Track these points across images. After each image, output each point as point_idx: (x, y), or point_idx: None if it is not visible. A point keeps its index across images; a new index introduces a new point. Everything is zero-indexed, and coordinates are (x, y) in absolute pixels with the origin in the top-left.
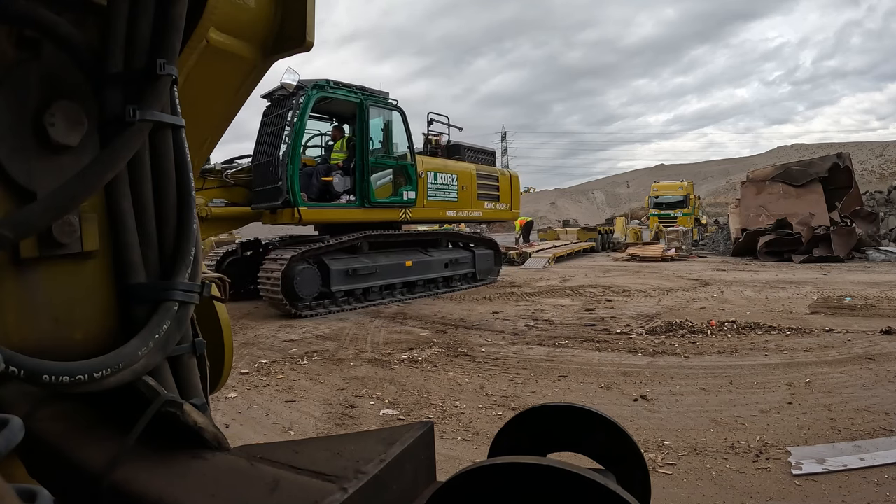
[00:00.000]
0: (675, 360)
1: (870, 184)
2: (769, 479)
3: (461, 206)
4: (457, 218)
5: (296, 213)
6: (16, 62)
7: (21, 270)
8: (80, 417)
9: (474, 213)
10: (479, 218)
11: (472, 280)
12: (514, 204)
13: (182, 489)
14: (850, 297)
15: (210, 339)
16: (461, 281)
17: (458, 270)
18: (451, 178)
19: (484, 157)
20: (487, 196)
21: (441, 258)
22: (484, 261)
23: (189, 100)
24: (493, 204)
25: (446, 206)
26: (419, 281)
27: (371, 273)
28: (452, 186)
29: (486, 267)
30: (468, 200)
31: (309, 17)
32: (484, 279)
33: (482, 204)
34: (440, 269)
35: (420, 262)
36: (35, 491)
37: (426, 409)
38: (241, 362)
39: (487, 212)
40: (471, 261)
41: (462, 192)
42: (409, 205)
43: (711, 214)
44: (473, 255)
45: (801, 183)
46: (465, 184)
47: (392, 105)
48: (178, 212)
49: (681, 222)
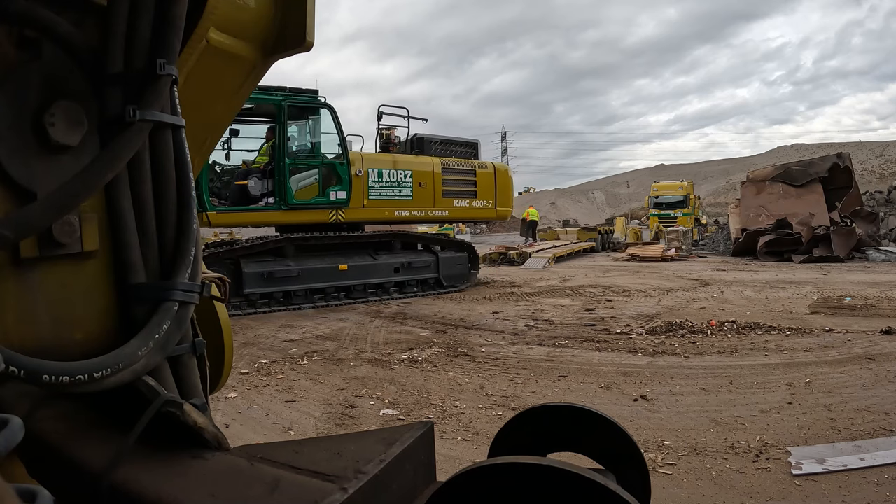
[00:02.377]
0: (675, 360)
1: (870, 184)
2: (769, 479)
3: (418, 206)
4: (410, 218)
5: (204, 217)
6: (16, 62)
7: (21, 270)
8: (80, 417)
9: (437, 212)
10: (445, 218)
11: (437, 286)
12: (502, 201)
13: (182, 489)
14: (850, 297)
15: (210, 339)
16: (421, 287)
17: (414, 275)
18: (402, 175)
19: (460, 150)
20: (459, 193)
21: (391, 262)
22: (451, 265)
23: (189, 100)
24: (468, 202)
25: (396, 205)
26: (358, 286)
27: (293, 276)
28: (405, 184)
29: (456, 272)
30: (428, 199)
31: (309, 17)
32: (454, 285)
33: (450, 202)
34: (389, 274)
35: (359, 266)
36: (35, 491)
37: (426, 409)
38: (241, 362)
39: (458, 211)
40: (433, 265)
41: (420, 190)
42: (340, 205)
43: (711, 214)
44: (437, 259)
45: (801, 183)
46: (423, 180)
47: (320, 103)
48: (178, 212)
49: (681, 222)
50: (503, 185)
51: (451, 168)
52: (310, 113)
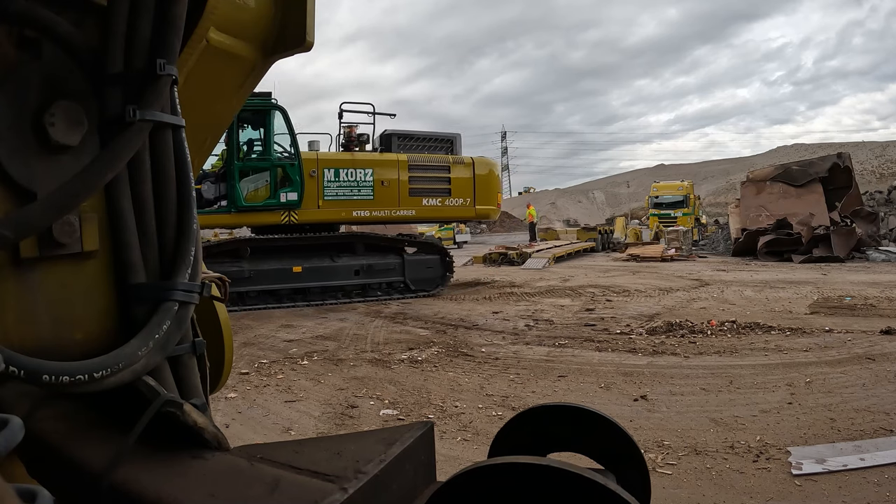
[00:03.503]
0: (675, 360)
1: (870, 184)
2: (769, 479)
3: (380, 205)
4: (371, 218)
5: None
6: (16, 62)
7: (21, 270)
8: (80, 417)
9: (403, 212)
10: (413, 218)
11: (406, 290)
12: (483, 199)
13: (182, 489)
14: (850, 297)
15: (210, 339)
16: (385, 291)
17: (376, 278)
18: (361, 174)
19: (434, 146)
20: (429, 191)
21: (350, 264)
22: (419, 269)
23: (189, 100)
24: (440, 200)
25: (354, 205)
26: (315, 288)
27: (245, 278)
28: (365, 183)
29: (426, 276)
30: (392, 198)
31: (309, 17)
32: (424, 290)
33: (418, 201)
34: (348, 277)
35: (316, 269)
36: (35, 491)
37: (426, 409)
38: (241, 362)
39: (428, 210)
40: (398, 268)
41: (382, 189)
42: (292, 207)
43: (711, 214)
44: (403, 262)
45: (801, 183)
46: (386, 179)
47: (272, 105)
48: (178, 212)
49: (681, 222)
50: (485, 181)
51: (419, 164)
52: (264, 116)
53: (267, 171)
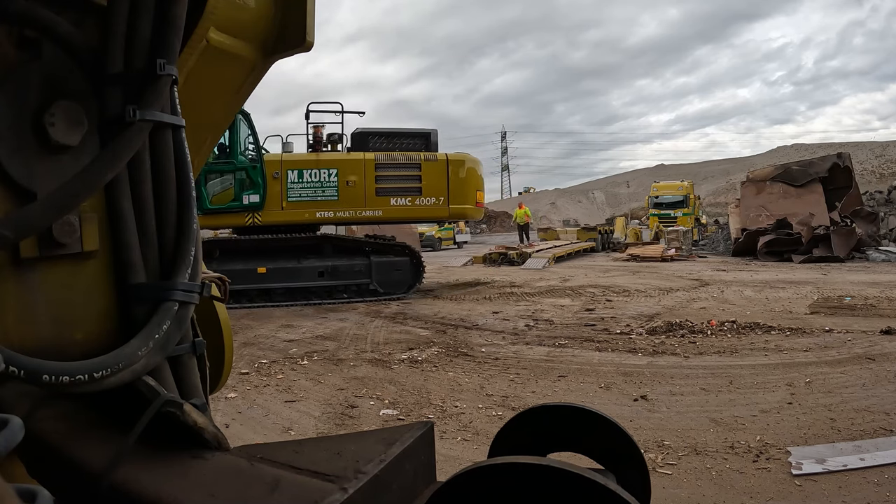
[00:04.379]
0: (675, 360)
1: (870, 184)
2: (769, 479)
3: (344, 206)
4: (335, 219)
5: None
6: (16, 62)
7: (21, 270)
8: (80, 417)
9: (369, 212)
10: (380, 218)
11: (373, 294)
12: (458, 197)
13: (182, 489)
14: (850, 297)
15: (210, 339)
16: (351, 293)
17: (341, 280)
18: (325, 175)
19: (407, 143)
20: (398, 190)
21: (315, 266)
22: (388, 271)
23: (189, 100)
24: (409, 200)
25: (318, 206)
26: (279, 289)
27: None
28: (329, 184)
29: (394, 279)
30: (358, 198)
31: (309, 17)
32: (392, 293)
33: (385, 201)
34: (312, 278)
35: (281, 270)
36: (35, 491)
37: (426, 409)
38: (241, 362)
39: (397, 210)
40: (364, 270)
41: (347, 189)
42: (255, 209)
43: (711, 214)
44: (369, 264)
45: (801, 183)
46: (351, 178)
47: None
48: (178, 212)
49: (681, 222)
50: (461, 179)
51: (387, 163)
52: None
53: (231, 173)
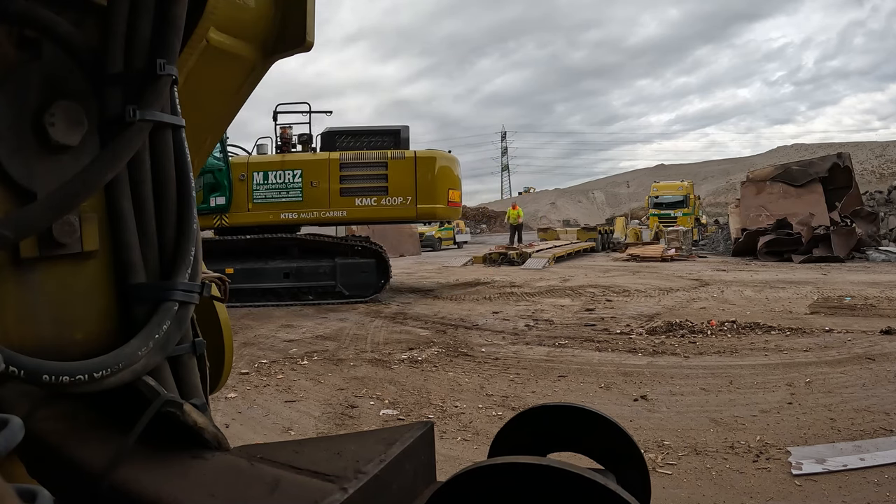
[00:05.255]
0: (675, 360)
1: (870, 184)
2: (769, 479)
3: (308, 207)
4: (299, 221)
5: None
6: (16, 62)
7: (21, 270)
8: (80, 417)
9: (333, 213)
10: (344, 219)
11: (338, 296)
12: (427, 196)
13: (182, 489)
14: (850, 297)
15: (210, 339)
16: (317, 295)
17: (307, 282)
18: (290, 175)
19: (376, 141)
20: (363, 190)
21: (280, 267)
22: (353, 273)
23: (189, 100)
24: (375, 200)
25: (283, 207)
26: (245, 290)
27: None
28: (293, 185)
29: (359, 281)
30: (322, 199)
31: (309, 17)
32: (357, 295)
33: (350, 201)
34: (277, 280)
35: (247, 270)
36: (35, 491)
37: (426, 409)
38: (241, 362)
39: (361, 211)
40: (329, 272)
41: (311, 190)
42: (222, 210)
43: (711, 214)
44: (335, 266)
45: (801, 183)
46: (315, 179)
47: None
48: (178, 212)
49: (681, 222)
50: (431, 177)
51: (351, 163)
52: None
53: (200, 176)
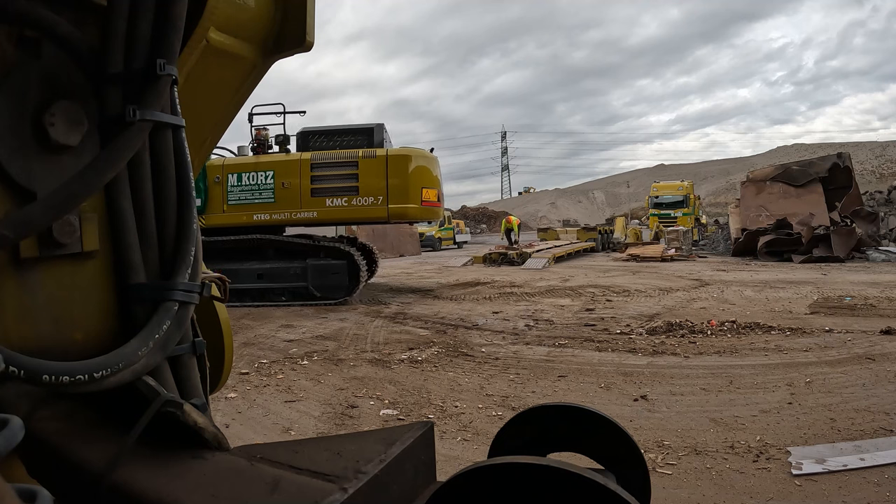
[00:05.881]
0: (675, 360)
1: (870, 184)
2: (769, 479)
3: (280, 208)
4: (272, 222)
5: None
6: (16, 62)
7: (21, 270)
8: (79, 417)
9: (304, 214)
10: (314, 220)
11: (308, 297)
12: (399, 196)
13: (182, 489)
14: (850, 297)
15: (210, 339)
16: (290, 296)
17: (279, 283)
18: (263, 177)
19: (348, 140)
20: (334, 190)
21: (253, 268)
22: (324, 274)
23: (189, 100)
24: (346, 200)
25: (256, 208)
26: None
27: None
28: (266, 186)
29: (330, 283)
30: (293, 199)
31: (309, 17)
32: (329, 297)
33: (321, 202)
34: (251, 280)
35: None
36: (35, 491)
37: (426, 409)
38: (241, 362)
39: (332, 212)
40: (301, 273)
41: (283, 191)
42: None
43: (711, 214)
44: (305, 268)
45: (801, 183)
46: (287, 180)
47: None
48: (178, 212)
49: (681, 222)
50: (404, 176)
51: (322, 163)
52: None
53: None
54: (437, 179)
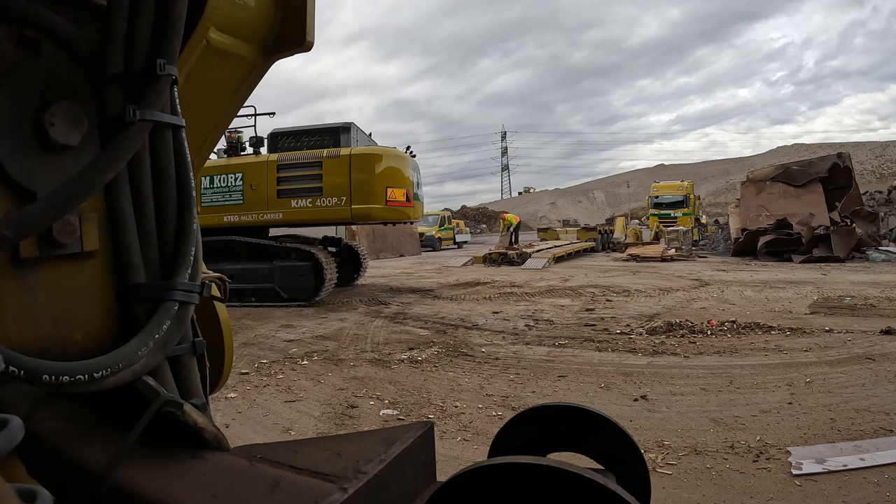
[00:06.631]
0: (675, 360)
1: (870, 184)
2: (769, 479)
3: (248, 209)
4: (240, 223)
5: None
6: (16, 62)
7: (21, 270)
8: (79, 417)
9: (270, 215)
10: (280, 221)
11: (276, 298)
12: (362, 197)
13: (182, 489)
14: (850, 297)
15: (210, 339)
16: (257, 297)
17: (247, 284)
18: (233, 179)
19: (316, 140)
20: (299, 191)
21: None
22: (290, 276)
23: (189, 100)
24: (310, 201)
25: (226, 210)
26: None
27: None
28: (235, 188)
29: (297, 284)
30: (261, 201)
31: (309, 17)
32: (296, 298)
33: (286, 203)
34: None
35: None
36: (35, 491)
37: (426, 409)
38: (241, 362)
39: (297, 213)
40: (268, 275)
41: (251, 193)
42: None
43: (711, 214)
44: (272, 269)
45: (801, 183)
46: (255, 182)
47: None
48: (178, 212)
49: (681, 222)
50: (368, 175)
51: (288, 163)
52: None
53: None
54: (408, 179)
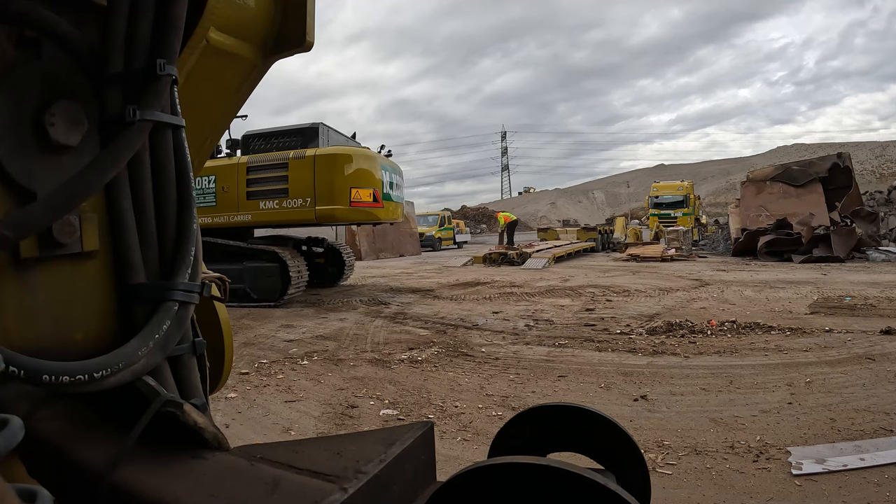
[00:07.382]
0: (675, 360)
1: (870, 184)
2: (769, 479)
3: (220, 211)
4: (213, 225)
5: None
6: (16, 62)
7: (21, 270)
8: (79, 417)
9: (240, 217)
10: (249, 223)
11: (247, 298)
12: (326, 198)
13: (182, 489)
14: (850, 297)
15: (210, 339)
16: (232, 297)
17: None
18: (206, 181)
19: (286, 142)
20: (266, 193)
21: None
22: (258, 277)
23: (189, 100)
24: (277, 203)
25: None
26: None
27: None
28: (209, 190)
29: (266, 285)
30: (232, 203)
31: (309, 17)
32: (265, 298)
33: (255, 204)
34: None
35: None
36: (35, 491)
37: (426, 409)
38: (241, 362)
39: (264, 214)
40: (238, 276)
41: (223, 195)
42: None
43: (711, 214)
44: (242, 270)
45: (801, 183)
46: (226, 183)
47: None
48: (178, 212)
49: (681, 222)
50: (333, 176)
51: (257, 165)
52: None
53: None
54: (378, 179)
